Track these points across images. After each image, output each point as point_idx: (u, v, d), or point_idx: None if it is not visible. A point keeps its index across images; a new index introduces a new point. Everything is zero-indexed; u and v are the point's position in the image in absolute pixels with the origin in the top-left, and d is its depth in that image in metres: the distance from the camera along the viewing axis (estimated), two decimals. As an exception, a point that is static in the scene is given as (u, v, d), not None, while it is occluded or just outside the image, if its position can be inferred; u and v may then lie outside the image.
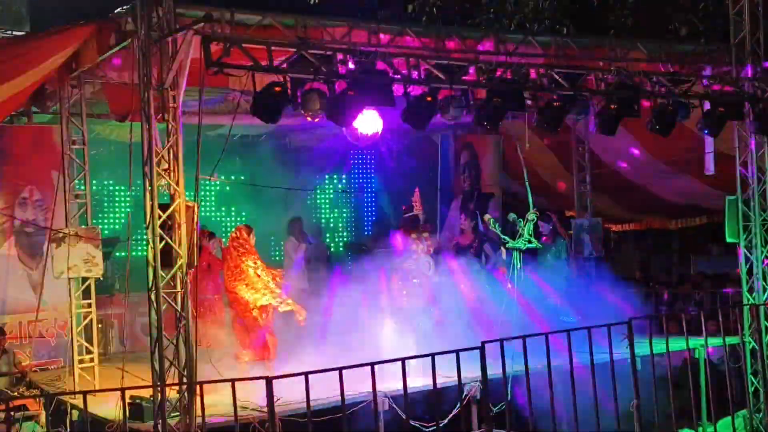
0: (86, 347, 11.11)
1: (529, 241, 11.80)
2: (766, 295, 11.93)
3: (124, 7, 9.05)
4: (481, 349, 8.54)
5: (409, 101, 9.38)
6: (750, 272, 12.24)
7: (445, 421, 9.47)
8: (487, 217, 12.74)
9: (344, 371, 7.88)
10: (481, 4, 16.35)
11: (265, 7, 9.47)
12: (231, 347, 11.91)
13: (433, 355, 8.30)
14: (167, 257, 8.70)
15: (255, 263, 11.67)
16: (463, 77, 9.73)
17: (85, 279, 11.06)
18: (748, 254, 12.22)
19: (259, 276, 11.60)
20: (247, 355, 11.66)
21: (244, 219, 15.08)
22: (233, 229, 12.02)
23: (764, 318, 11.82)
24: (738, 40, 11.81)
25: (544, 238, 13.30)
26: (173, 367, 8.64)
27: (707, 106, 10.99)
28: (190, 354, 8.59)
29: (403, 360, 8.29)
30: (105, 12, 9.36)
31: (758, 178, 12.13)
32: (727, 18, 12.10)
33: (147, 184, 8.72)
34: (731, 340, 11.59)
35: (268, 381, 7.70)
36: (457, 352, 8.44)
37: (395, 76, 9.12)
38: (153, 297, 8.59)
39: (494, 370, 8.62)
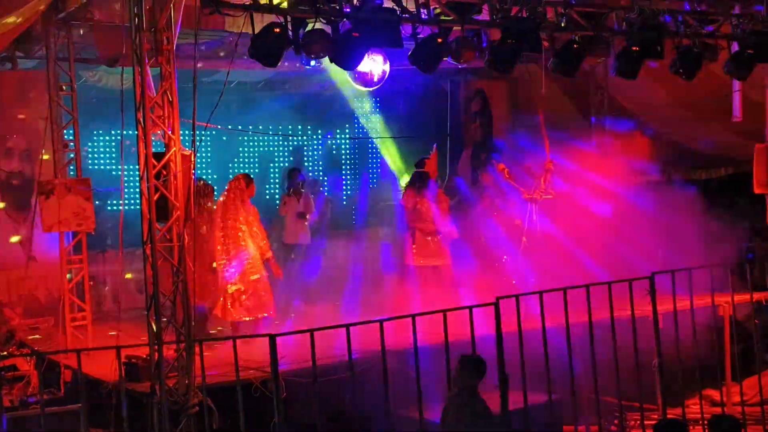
0: (78, 305, 11.12)
1: (547, 192, 11.74)
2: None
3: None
4: (496, 305, 8.52)
5: (417, 42, 9.24)
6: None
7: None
8: (501, 166, 12.65)
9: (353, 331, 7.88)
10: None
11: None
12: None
13: (444, 312, 8.29)
14: (163, 209, 8.63)
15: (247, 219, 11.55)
16: (476, 17, 9.56)
17: (75, 233, 11.04)
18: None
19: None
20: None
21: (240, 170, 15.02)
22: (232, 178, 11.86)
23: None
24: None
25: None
26: (171, 325, 8.63)
27: (735, 47, 10.83)
28: (188, 311, 8.57)
29: (413, 316, 8.28)
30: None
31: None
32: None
33: (140, 131, 8.62)
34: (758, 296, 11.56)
35: (272, 338, 7.70)
36: (470, 308, 8.44)
37: (403, 15, 8.96)
38: (148, 251, 8.54)
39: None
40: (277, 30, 8.39)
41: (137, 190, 9.59)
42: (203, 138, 9.19)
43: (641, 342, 9.43)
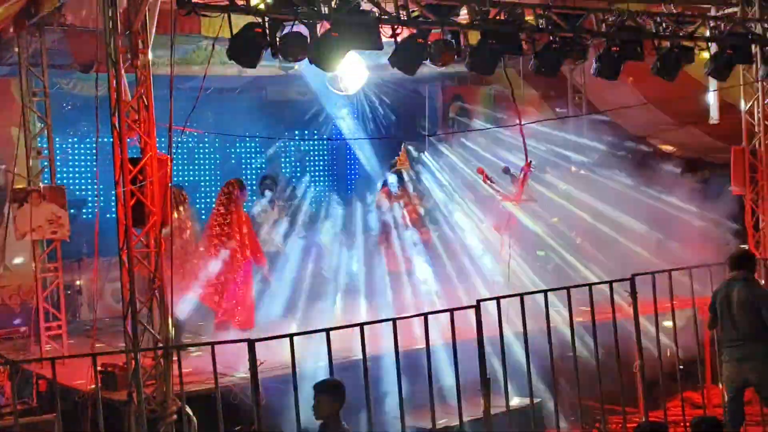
0: (53, 314, 10.95)
1: (526, 195, 11.72)
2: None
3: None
4: (476, 307, 8.44)
5: (397, 43, 9.17)
6: (756, 226, 12.23)
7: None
8: (480, 169, 12.62)
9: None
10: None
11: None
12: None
13: (426, 315, 8.20)
14: (139, 215, 8.51)
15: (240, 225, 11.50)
16: (455, 18, 9.50)
17: (50, 241, 10.88)
18: (755, 207, 12.20)
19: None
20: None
21: (218, 177, 14.93)
22: (224, 184, 11.77)
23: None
24: (745, -21, 11.66)
25: None
26: (147, 332, 8.50)
27: (714, 48, 10.84)
28: (165, 318, 8.44)
29: (394, 320, 8.19)
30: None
31: (765, 127, 12.07)
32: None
33: (115, 136, 8.49)
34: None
35: (251, 343, 7.56)
36: (451, 311, 8.35)
37: (382, 17, 8.89)
38: (125, 257, 8.40)
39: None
40: (257, 30, 8.29)
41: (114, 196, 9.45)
42: (180, 144, 9.07)
43: (624, 344, 9.38)
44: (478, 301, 8.47)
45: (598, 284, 9.37)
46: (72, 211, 11.52)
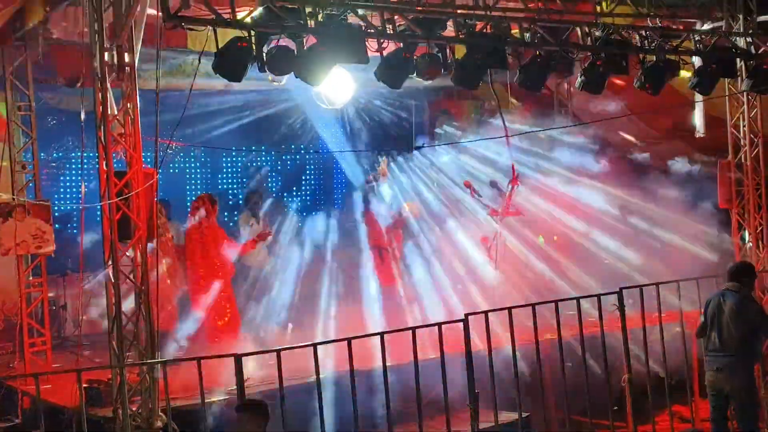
0: (37, 330, 10.86)
1: (514, 208, 11.72)
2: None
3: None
4: (465, 321, 8.43)
5: (384, 57, 9.17)
6: (742, 239, 12.27)
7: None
8: (468, 181, 12.61)
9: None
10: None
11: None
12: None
13: (413, 329, 8.18)
14: (125, 229, 8.47)
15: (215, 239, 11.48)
16: (441, 32, 9.52)
17: (35, 256, 10.81)
18: (741, 221, 12.24)
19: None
20: None
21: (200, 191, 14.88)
22: (195, 199, 11.73)
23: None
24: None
25: None
26: (133, 347, 8.44)
27: (698, 63, 10.89)
28: (151, 333, 8.37)
29: (381, 334, 8.17)
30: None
31: (750, 140, 12.12)
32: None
33: (101, 150, 8.45)
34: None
35: (237, 358, 7.53)
36: (439, 325, 8.33)
37: (368, 31, 8.89)
38: (110, 271, 8.35)
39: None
40: (243, 44, 8.27)
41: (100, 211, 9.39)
42: (166, 158, 9.03)
43: (613, 358, 9.39)
44: (466, 315, 8.46)
45: (586, 297, 9.36)
46: (57, 226, 11.42)
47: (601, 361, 9.21)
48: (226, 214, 15.32)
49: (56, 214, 11.47)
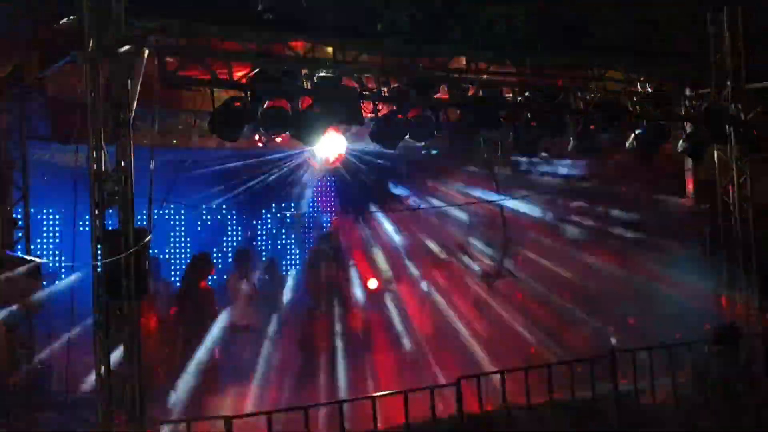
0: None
1: (506, 271, 11.73)
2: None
3: (72, 17, 8.79)
4: (457, 385, 8.39)
5: (378, 119, 9.25)
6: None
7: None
8: (461, 242, 12.63)
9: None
10: (447, 26, 16.24)
11: (224, 21, 9.30)
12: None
13: (406, 392, 8.12)
14: (115, 288, 8.40)
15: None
16: (435, 95, 9.62)
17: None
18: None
19: None
20: None
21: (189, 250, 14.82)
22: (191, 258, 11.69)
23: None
24: (718, 61, 11.92)
25: None
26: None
27: (689, 128, 11.02)
28: (141, 392, 8.27)
29: (373, 398, 8.10)
30: (51, 21, 9.08)
31: (741, 207, 12.16)
32: (702, 39, 12.18)
33: (93, 207, 8.42)
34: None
35: (227, 420, 7.45)
36: (431, 388, 8.28)
37: (363, 92, 8.98)
38: (100, 330, 8.26)
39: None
40: (238, 104, 8.33)
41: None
42: (156, 216, 8.99)
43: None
44: (458, 379, 8.42)
45: (579, 362, 9.33)
46: (45, 283, 11.32)
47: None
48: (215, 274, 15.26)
49: (49, 270, 11.36)
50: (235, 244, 15.72)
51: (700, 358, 9.40)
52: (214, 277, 14.93)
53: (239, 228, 16.08)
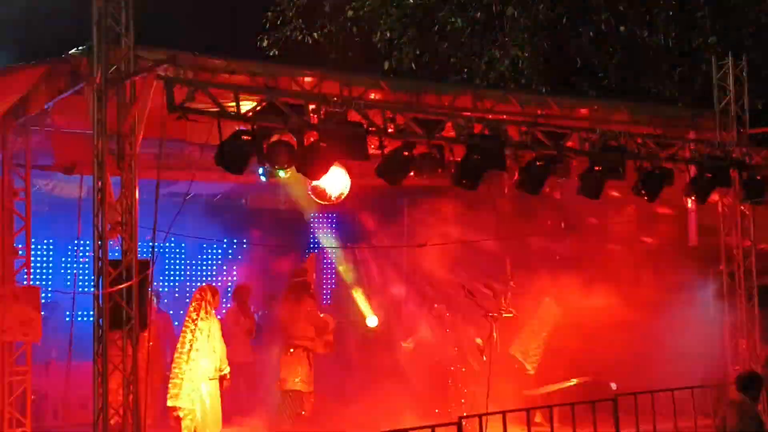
0: (17, 419, 10.60)
1: (507, 310, 11.65)
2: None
3: (80, 48, 8.85)
4: (458, 424, 8.31)
5: (384, 155, 9.27)
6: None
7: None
8: (462, 283, 12.55)
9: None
10: (452, 64, 16.40)
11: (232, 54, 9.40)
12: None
13: (407, 431, 8.04)
14: (117, 318, 8.36)
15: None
16: (440, 133, 9.63)
17: (20, 343, 10.61)
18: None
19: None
20: None
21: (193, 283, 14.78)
22: (196, 289, 11.63)
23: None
24: (723, 106, 12.00)
25: None
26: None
27: (693, 171, 11.03)
28: (138, 426, 8.20)
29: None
30: (58, 52, 9.12)
31: (744, 251, 12.15)
32: (704, 83, 12.29)
33: (96, 238, 8.41)
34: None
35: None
36: (432, 427, 8.19)
37: (370, 129, 8.99)
38: (99, 362, 8.21)
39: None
40: (246, 137, 8.35)
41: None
42: (160, 247, 8.98)
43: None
44: (460, 418, 8.35)
45: (581, 404, 9.25)
46: (43, 313, 11.26)
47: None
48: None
49: (48, 300, 11.31)
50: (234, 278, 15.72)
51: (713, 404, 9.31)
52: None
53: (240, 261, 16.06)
